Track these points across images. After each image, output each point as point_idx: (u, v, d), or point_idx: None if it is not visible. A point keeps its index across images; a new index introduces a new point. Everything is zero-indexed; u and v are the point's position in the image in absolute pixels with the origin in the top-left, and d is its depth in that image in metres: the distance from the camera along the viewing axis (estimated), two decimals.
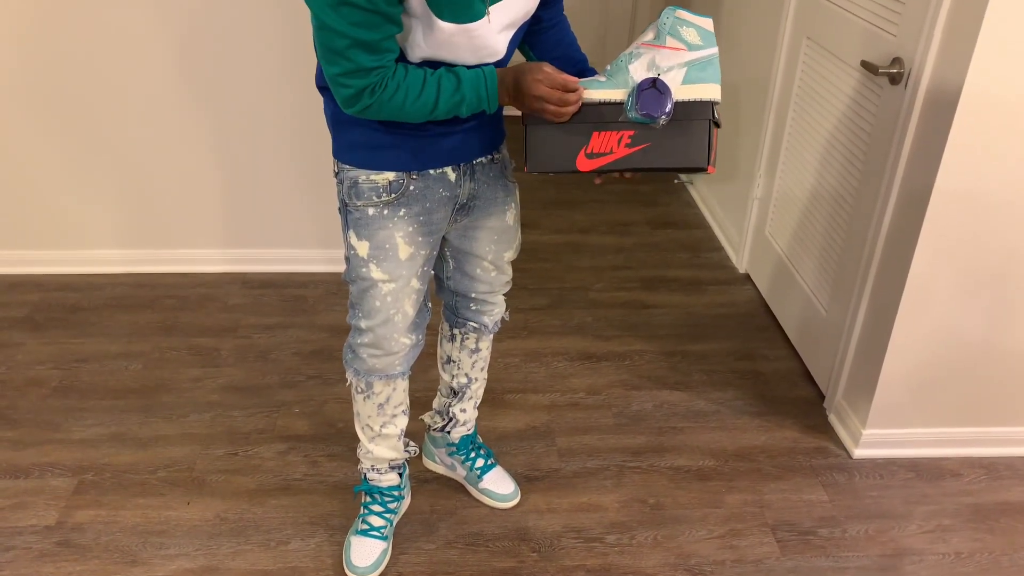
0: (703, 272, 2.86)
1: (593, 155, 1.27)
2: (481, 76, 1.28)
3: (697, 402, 2.22)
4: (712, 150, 1.26)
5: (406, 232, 1.44)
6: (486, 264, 1.62)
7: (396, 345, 1.53)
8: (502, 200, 1.56)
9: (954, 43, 1.63)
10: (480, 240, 1.58)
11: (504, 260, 1.64)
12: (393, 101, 1.25)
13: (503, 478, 1.89)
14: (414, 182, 1.41)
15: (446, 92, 1.27)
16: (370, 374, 1.57)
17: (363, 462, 1.73)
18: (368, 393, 1.61)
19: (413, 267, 1.47)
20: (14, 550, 1.73)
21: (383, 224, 1.42)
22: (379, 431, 1.67)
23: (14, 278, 2.70)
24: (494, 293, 1.68)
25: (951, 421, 2.01)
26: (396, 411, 1.66)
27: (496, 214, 1.56)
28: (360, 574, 1.68)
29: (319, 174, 2.64)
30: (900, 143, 1.80)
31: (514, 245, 1.64)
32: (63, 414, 2.11)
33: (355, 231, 1.45)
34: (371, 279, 1.46)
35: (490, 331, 1.74)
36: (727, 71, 3.03)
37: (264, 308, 2.58)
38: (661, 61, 1.24)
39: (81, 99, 2.48)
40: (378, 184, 1.40)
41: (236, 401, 2.18)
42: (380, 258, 1.44)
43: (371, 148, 1.38)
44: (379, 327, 1.50)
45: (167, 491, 1.89)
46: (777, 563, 1.75)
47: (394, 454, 1.72)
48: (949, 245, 1.77)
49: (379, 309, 1.49)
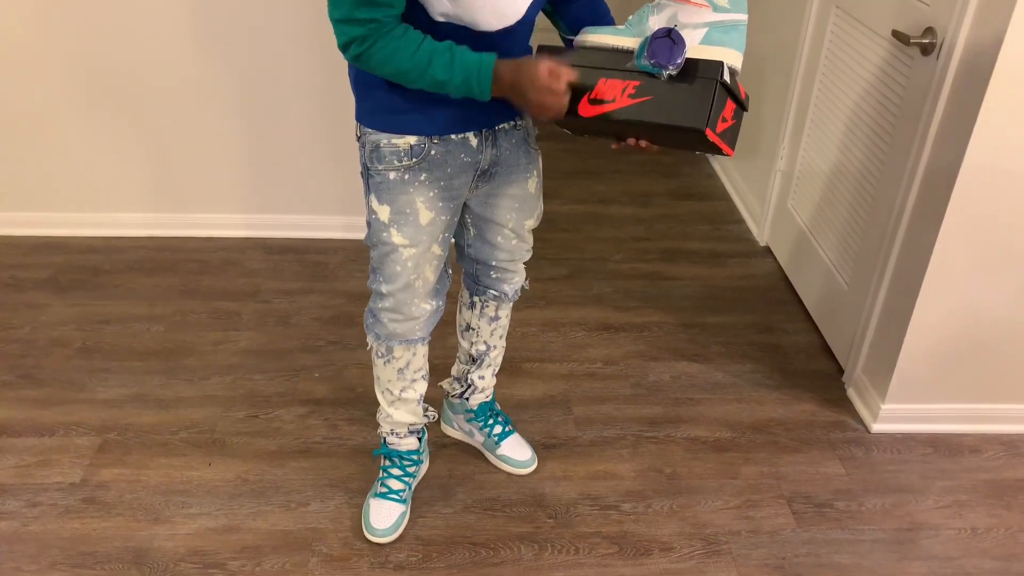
0: (723, 244, 2.84)
1: (596, 101, 1.22)
2: (476, 66, 1.24)
3: (715, 374, 2.22)
4: (720, 118, 1.21)
5: (427, 197, 1.43)
6: (507, 232, 1.61)
7: (417, 310, 1.54)
8: (524, 167, 1.54)
9: (990, 13, 1.59)
10: (501, 207, 1.57)
11: (525, 228, 1.63)
12: (381, 57, 1.23)
13: (521, 445, 1.90)
14: (435, 146, 1.40)
15: (436, 67, 1.24)
16: (391, 339, 1.58)
17: (382, 426, 1.75)
18: (388, 358, 1.62)
19: (434, 232, 1.47)
20: (40, 506, 1.76)
21: (404, 188, 1.42)
22: (399, 395, 1.68)
23: (38, 240, 2.73)
24: (514, 261, 1.68)
25: (971, 397, 2.00)
26: (416, 376, 1.67)
27: (518, 181, 1.55)
28: (379, 536, 1.70)
29: (341, 140, 2.63)
30: (930, 116, 1.77)
31: (535, 214, 1.63)
32: (87, 374, 2.14)
33: (376, 195, 1.44)
34: (392, 244, 1.46)
35: (510, 299, 1.75)
36: (752, 38, 2.98)
37: (285, 273, 2.60)
38: (683, 17, 1.20)
39: (106, 64, 2.48)
40: (399, 148, 1.39)
41: (257, 364, 2.20)
42: (401, 223, 1.44)
43: (393, 112, 1.38)
44: (400, 292, 1.51)
45: (189, 452, 1.91)
46: (792, 534, 1.75)
47: (413, 418, 1.73)
48: (975, 221, 1.75)
49: (399, 274, 1.49)
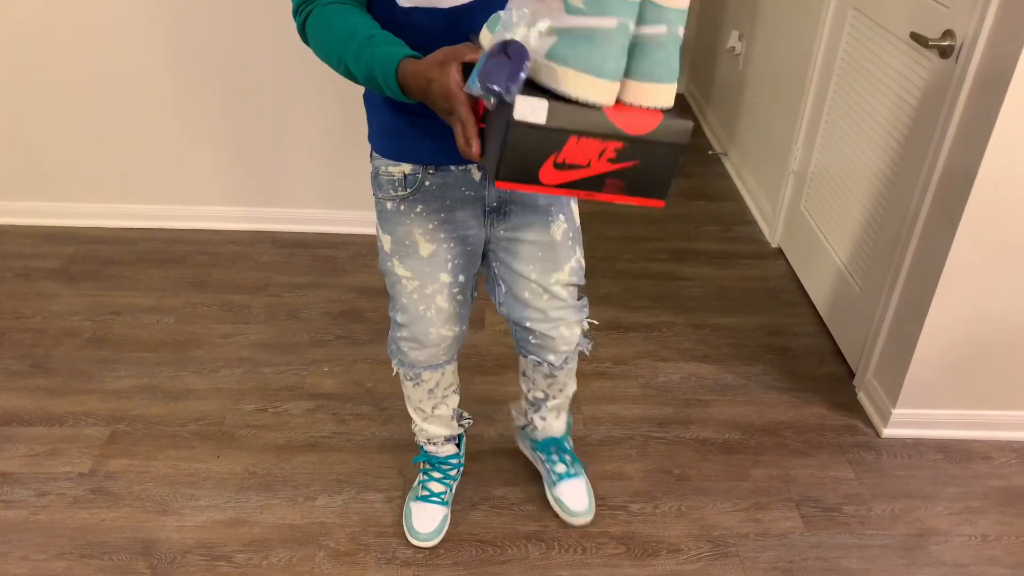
0: (734, 245, 2.83)
1: (564, 166, 0.95)
2: (383, 60, 1.03)
3: (725, 375, 2.21)
4: None
5: (425, 229, 1.33)
6: (533, 286, 1.42)
7: (435, 338, 1.46)
8: (544, 210, 1.35)
9: (1011, 16, 1.58)
10: (523, 255, 1.39)
11: (552, 282, 1.41)
12: (313, 31, 1.10)
13: (579, 493, 1.75)
14: (431, 177, 1.29)
15: (349, 52, 1.06)
16: (415, 366, 1.52)
17: (418, 436, 1.71)
18: (417, 381, 1.57)
19: (438, 265, 1.36)
20: (49, 495, 1.77)
21: (400, 220, 1.33)
22: (431, 413, 1.64)
23: (49, 230, 2.73)
24: (552, 324, 1.46)
25: (984, 404, 1.99)
26: (447, 391, 1.62)
27: (537, 226, 1.36)
28: (423, 540, 1.68)
29: (351, 135, 2.63)
30: (947, 120, 1.76)
31: (565, 267, 1.41)
32: (96, 365, 2.15)
33: (379, 223, 1.37)
34: (396, 275, 1.39)
35: (558, 368, 1.55)
36: (766, 40, 2.96)
37: (295, 267, 2.60)
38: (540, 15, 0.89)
39: (118, 54, 2.48)
40: (394, 177, 1.30)
41: (266, 358, 2.20)
42: (402, 254, 1.36)
43: (389, 135, 1.28)
44: (414, 323, 1.43)
45: (197, 444, 1.92)
46: (801, 538, 1.75)
47: (448, 431, 1.70)
48: (991, 226, 1.73)
49: (407, 306, 1.42)
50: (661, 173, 0.97)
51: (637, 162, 0.95)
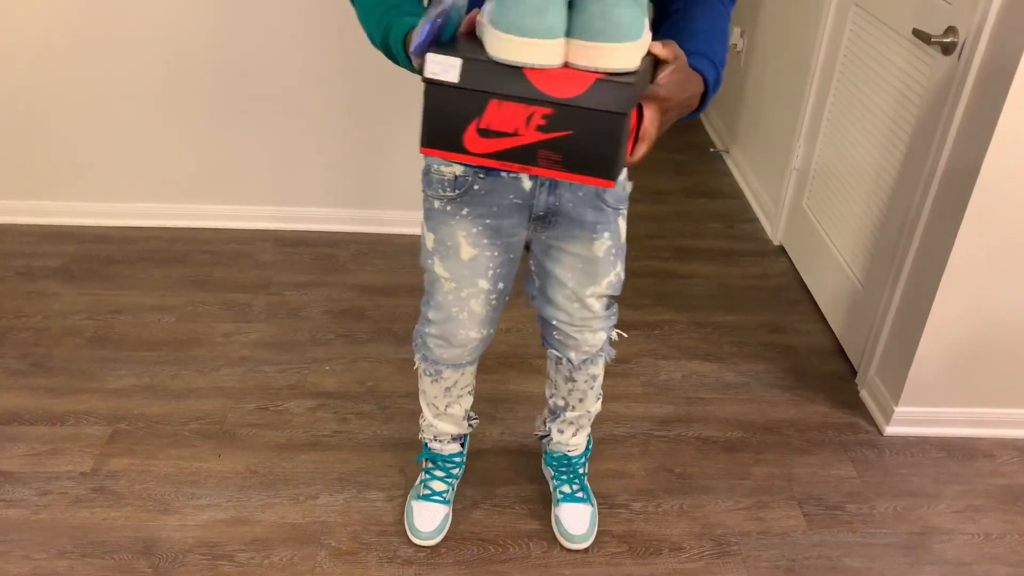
0: (736, 243, 2.83)
1: (488, 133, 0.88)
2: (402, 28, 1.03)
3: (726, 374, 2.21)
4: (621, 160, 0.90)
5: (469, 232, 1.33)
6: (568, 292, 1.42)
7: (463, 339, 1.46)
8: (590, 225, 1.34)
9: (1014, 12, 1.57)
10: (563, 263, 1.39)
11: (586, 294, 1.41)
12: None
13: (581, 518, 1.71)
14: (481, 181, 1.29)
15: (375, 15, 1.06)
16: (438, 363, 1.53)
17: (424, 432, 1.71)
18: (436, 377, 1.57)
19: (477, 269, 1.37)
20: (50, 495, 1.77)
21: (446, 220, 1.33)
22: (444, 410, 1.64)
23: (50, 228, 2.73)
24: (576, 328, 1.47)
25: (987, 402, 1.98)
26: (463, 392, 1.62)
27: (581, 239, 1.35)
28: (424, 539, 1.68)
29: (353, 133, 2.63)
30: (949, 117, 1.75)
31: (603, 281, 1.40)
32: (97, 364, 2.15)
33: (425, 220, 1.37)
34: (435, 273, 1.40)
35: (577, 368, 1.55)
36: (768, 36, 2.96)
37: (296, 266, 2.60)
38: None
39: (118, 53, 2.48)
40: (444, 177, 1.30)
41: (267, 357, 2.20)
42: (443, 254, 1.37)
43: None
44: (445, 322, 1.44)
45: (199, 443, 1.91)
46: (803, 537, 1.74)
47: (457, 429, 1.70)
48: (994, 223, 1.73)
49: (441, 304, 1.42)
50: (601, 147, 0.86)
51: (571, 131, 0.86)
